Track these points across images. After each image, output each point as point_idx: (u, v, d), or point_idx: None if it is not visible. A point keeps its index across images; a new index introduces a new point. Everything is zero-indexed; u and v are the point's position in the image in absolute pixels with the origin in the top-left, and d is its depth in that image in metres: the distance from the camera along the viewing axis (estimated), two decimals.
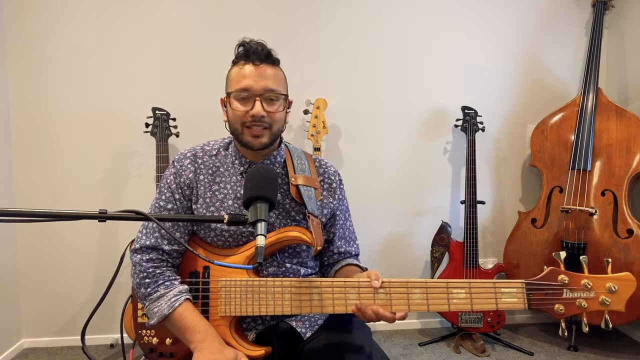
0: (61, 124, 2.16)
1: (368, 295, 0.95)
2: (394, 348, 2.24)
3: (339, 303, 0.96)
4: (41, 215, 0.74)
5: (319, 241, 1.06)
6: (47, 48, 2.13)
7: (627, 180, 2.08)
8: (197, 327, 0.98)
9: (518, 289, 0.93)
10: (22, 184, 2.17)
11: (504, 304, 0.93)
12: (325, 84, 2.31)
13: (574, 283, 0.92)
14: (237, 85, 1.07)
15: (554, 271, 0.93)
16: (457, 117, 2.34)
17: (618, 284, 0.90)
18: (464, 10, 2.38)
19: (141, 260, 1.06)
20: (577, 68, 2.48)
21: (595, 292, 0.91)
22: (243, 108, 1.06)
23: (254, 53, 1.07)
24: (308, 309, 0.97)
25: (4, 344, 2.11)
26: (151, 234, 1.08)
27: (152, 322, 1.03)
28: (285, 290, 0.98)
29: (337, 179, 1.24)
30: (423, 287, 0.94)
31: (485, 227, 2.51)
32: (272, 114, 1.08)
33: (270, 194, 0.91)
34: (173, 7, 2.19)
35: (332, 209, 1.20)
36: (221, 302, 1.01)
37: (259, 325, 1.10)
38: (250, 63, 1.07)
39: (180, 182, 1.11)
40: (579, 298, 0.91)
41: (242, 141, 1.09)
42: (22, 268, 2.21)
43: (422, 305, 0.94)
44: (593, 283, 0.91)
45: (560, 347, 2.22)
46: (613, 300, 0.90)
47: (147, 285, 1.04)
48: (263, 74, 1.07)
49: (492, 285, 0.93)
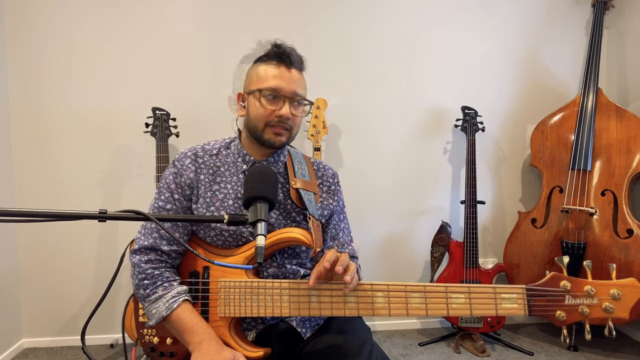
0: (61, 124, 2.17)
1: (366, 298, 0.95)
2: (394, 348, 2.24)
3: (337, 307, 0.96)
4: (41, 215, 0.74)
5: (318, 243, 1.06)
6: (47, 48, 2.13)
7: (627, 180, 2.08)
8: (194, 328, 0.98)
9: (519, 295, 0.90)
10: (22, 184, 2.17)
11: (504, 309, 0.90)
12: (325, 84, 2.31)
13: (576, 289, 0.88)
14: (266, 83, 1.06)
15: (556, 277, 0.90)
16: (457, 117, 2.34)
17: (622, 290, 0.86)
18: (464, 10, 2.38)
19: (140, 261, 1.06)
20: (577, 68, 2.48)
21: (599, 298, 0.87)
22: (271, 107, 1.06)
23: (288, 56, 1.08)
24: (306, 311, 0.97)
25: (4, 344, 2.11)
26: (150, 235, 1.08)
27: (150, 323, 1.03)
28: (284, 292, 0.98)
29: (336, 180, 1.24)
30: (422, 291, 0.93)
31: (485, 227, 2.51)
32: (296, 118, 1.10)
33: (270, 194, 0.91)
34: (173, 7, 2.19)
35: (331, 210, 1.20)
36: (220, 302, 1.01)
37: (259, 325, 1.10)
38: (283, 65, 1.08)
39: (181, 182, 1.11)
40: (581, 305, 0.88)
41: (262, 138, 1.09)
42: (22, 268, 2.21)
43: (421, 310, 0.93)
44: (596, 289, 0.87)
45: (560, 347, 2.22)
46: (617, 307, 0.86)
47: (146, 287, 1.04)
48: (293, 78, 1.08)
49: (492, 290, 0.91)
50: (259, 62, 1.11)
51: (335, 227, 1.23)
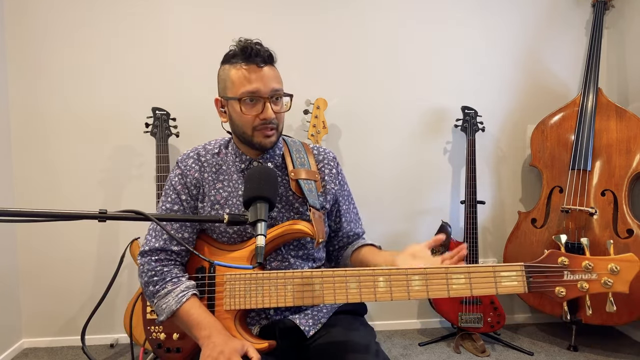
0: (61, 124, 2.17)
1: (368, 283, 0.96)
2: (394, 348, 2.24)
3: (340, 293, 0.97)
4: (41, 215, 0.74)
5: (320, 234, 1.06)
6: (47, 48, 2.13)
7: (627, 180, 2.08)
8: (202, 323, 1.00)
9: (517, 273, 0.91)
10: (22, 184, 2.17)
11: (504, 287, 0.91)
12: (325, 84, 2.30)
13: (574, 265, 0.89)
14: (242, 88, 1.04)
15: (553, 253, 0.91)
16: (457, 117, 2.34)
17: (621, 265, 0.87)
18: (465, 10, 2.38)
19: (150, 260, 1.08)
20: (577, 68, 2.48)
21: (597, 273, 0.88)
22: (252, 112, 1.05)
23: (256, 55, 1.04)
24: (310, 300, 0.98)
25: (4, 344, 2.11)
26: (160, 236, 1.09)
27: (161, 318, 1.04)
28: (288, 282, 0.99)
29: (336, 164, 1.24)
30: (422, 273, 0.94)
31: (485, 227, 2.51)
32: (279, 115, 1.09)
33: (270, 193, 0.92)
34: (173, 7, 2.19)
35: (334, 194, 1.21)
36: (226, 295, 1.03)
37: (263, 320, 1.11)
38: (253, 65, 1.04)
39: (187, 183, 1.12)
40: (580, 280, 0.89)
41: (253, 143, 1.09)
42: (22, 268, 2.21)
43: (422, 292, 0.93)
44: (594, 264, 0.88)
45: (560, 347, 2.22)
46: (615, 281, 0.87)
47: (155, 283, 1.06)
48: (268, 75, 1.05)
49: (491, 269, 0.92)
50: (227, 65, 1.09)
51: (348, 212, 1.26)
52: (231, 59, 1.08)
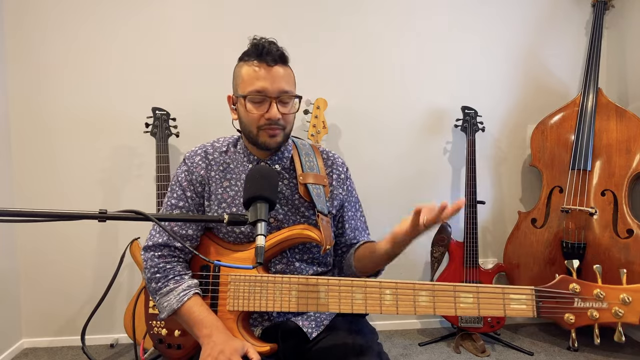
0: (61, 123, 2.16)
1: (374, 295, 0.95)
2: (394, 348, 2.24)
3: (345, 303, 0.96)
4: (41, 215, 0.74)
5: (328, 240, 1.06)
6: (47, 48, 2.12)
7: (627, 180, 2.08)
8: (204, 321, 1.00)
9: (527, 297, 0.89)
10: (22, 184, 2.17)
11: (512, 310, 0.89)
12: (325, 84, 2.30)
13: (585, 292, 0.87)
14: (250, 86, 1.04)
15: (565, 279, 0.89)
16: (457, 117, 2.34)
17: (633, 296, 0.85)
18: (465, 10, 2.38)
19: (153, 256, 1.08)
20: (577, 68, 2.48)
21: (608, 302, 0.86)
22: (258, 111, 1.05)
23: (267, 54, 1.04)
24: (314, 307, 0.98)
25: (4, 344, 2.11)
26: (163, 232, 1.09)
27: (162, 316, 1.05)
28: (293, 287, 0.99)
29: (345, 169, 1.23)
30: (430, 289, 0.93)
31: (485, 227, 2.51)
32: (287, 116, 1.08)
33: (270, 193, 0.92)
34: (173, 7, 2.19)
35: (341, 200, 1.20)
36: (230, 295, 1.03)
37: (265, 322, 1.11)
38: (264, 64, 1.04)
39: (193, 179, 1.12)
40: (590, 308, 0.87)
41: (258, 142, 1.08)
42: (22, 268, 2.20)
43: (429, 308, 0.92)
44: (606, 293, 0.86)
45: (560, 347, 2.22)
46: (626, 312, 0.85)
47: (158, 280, 1.06)
48: (277, 75, 1.05)
49: (500, 290, 0.90)
50: (242, 62, 1.09)
51: (353, 218, 1.23)
52: (245, 56, 1.08)
